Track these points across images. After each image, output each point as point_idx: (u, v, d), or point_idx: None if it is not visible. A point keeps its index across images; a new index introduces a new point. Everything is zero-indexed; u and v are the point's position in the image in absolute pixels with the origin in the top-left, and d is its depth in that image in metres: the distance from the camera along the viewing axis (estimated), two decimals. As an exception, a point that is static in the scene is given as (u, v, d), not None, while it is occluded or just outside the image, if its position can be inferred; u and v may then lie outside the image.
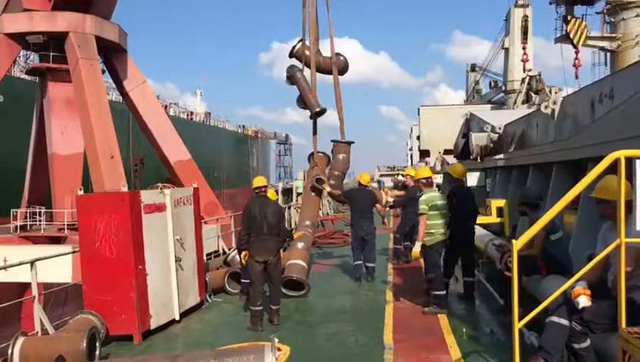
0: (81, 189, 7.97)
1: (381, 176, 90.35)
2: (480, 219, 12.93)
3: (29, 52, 29.86)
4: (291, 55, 11.68)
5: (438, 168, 32.99)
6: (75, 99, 25.26)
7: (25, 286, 14.32)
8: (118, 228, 7.50)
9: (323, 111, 11.95)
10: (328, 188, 11.66)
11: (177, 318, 8.45)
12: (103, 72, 27.70)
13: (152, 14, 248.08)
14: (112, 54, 27.71)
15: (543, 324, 5.02)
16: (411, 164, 74.66)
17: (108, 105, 25.26)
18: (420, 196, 8.49)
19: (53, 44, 25.88)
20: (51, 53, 26.18)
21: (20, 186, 29.59)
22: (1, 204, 28.93)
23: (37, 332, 7.45)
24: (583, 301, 4.54)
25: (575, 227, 8.20)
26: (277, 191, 23.90)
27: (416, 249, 8.18)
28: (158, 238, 8.21)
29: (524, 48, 38.04)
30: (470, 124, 20.41)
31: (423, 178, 8.72)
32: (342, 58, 12.08)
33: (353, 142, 12.28)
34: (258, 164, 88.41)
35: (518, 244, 3.94)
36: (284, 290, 9.80)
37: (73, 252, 7.93)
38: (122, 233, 7.51)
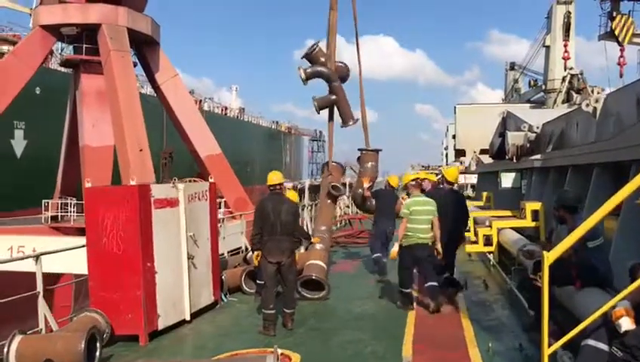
0: (88, 182, 7.64)
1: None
2: (514, 223, 12.36)
3: (64, 44, 30.08)
4: (307, 57, 11.53)
5: (473, 168, 32.17)
6: (106, 91, 25.30)
7: (57, 277, 14.26)
8: (126, 223, 7.16)
9: (355, 122, 11.93)
10: (367, 193, 11.57)
11: (188, 318, 8.08)
12: (135, 64, 27.73)
13: (189, 9, 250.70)
14: (144, 47, 27.72)
15: (578, 344, 4.44)
16: (446, 163, 73.38)
17: (138, 98, 25.22)
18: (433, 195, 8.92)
19: (87, 35, 26.01)
20: (84, 45, 26.31)
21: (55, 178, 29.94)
22: (37, 195, 29.25)
23: (41, 330, 7.18)
24: (626, 323, 3.95)
25: (616, 233, 7.51)
26: (303, 189, 23.52)
27: (394, 249, 8.58)
28: (170, 234, 7.85)
29: (565, 46, 36.69)
30: (507, 122, 19.65)
31: (411, 181, 9.01)
32: (342, 65, 11.93)
33: (381, 150, 12.37)
34: (291, 160, 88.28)
35: (550, 257, 3.39)
36: (302, 292, 9.39)
37: (81, 246, 7.63)
38: (130, 228, 7.16)
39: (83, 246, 7.49)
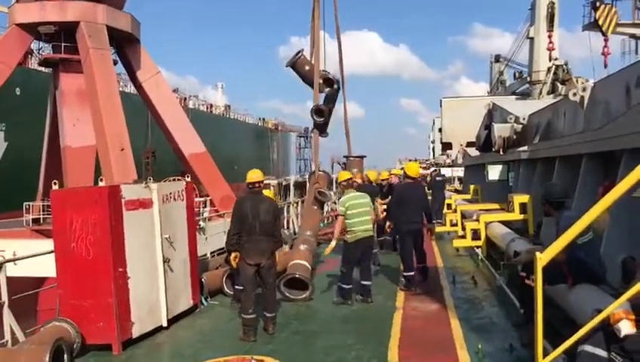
0: (55, 183, 7.24)
1: (402, 169, 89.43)
2: (502, 216, 12.12)
3: (42, 43, 29.44)
4: (292, 65, 11.67)
5: (460, 161, 31.99)
6: (86, 89, 24.77)
7: (42, 280, 13.79)
8: (95, 226, 6.79)
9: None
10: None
11: (165, 324, 7.72)
12: (116, 62, 27.20)
13: (172, 8, 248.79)
14: (124, 44, 27.19)
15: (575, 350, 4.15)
16: (433, 157, 73.45)
17: (118, 96, 24.71)
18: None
19: (65, 34, 25.41)
20: (63, 44, 25.69)
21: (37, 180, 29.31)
22: (19, 197, 28.63)
23: (6, 342, 6.82)
24: (626, 327, 3.66)
25: (607, 227, 7.25)
26: (288, 186, 23.20)
27: (331, 245, 8.90)
28: (143, 237, 7.48)
29: (550, 37, 36.52)
30: (493, 114, 19.45)
31: (343, 180, 9.31)
32: (324, 72, 11.92)
33: (365, 156, 13.33)
34: (278, 157, 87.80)
35: (543, 259, 3.09)
36: (285, 292, 9.06)
37: (49, 252, 7.24)
38: (100, 232, 6.79)
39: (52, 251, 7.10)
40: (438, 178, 21.16)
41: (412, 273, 9.39)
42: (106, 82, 23.97)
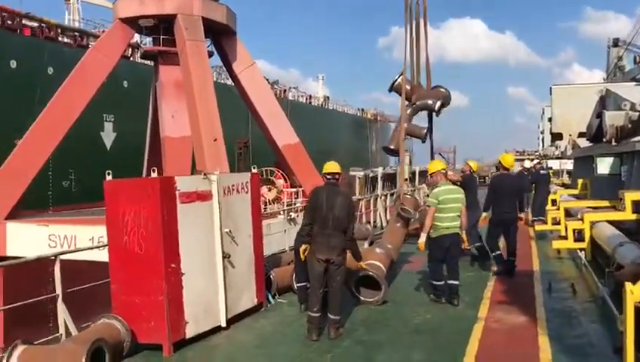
0: (109, 174, 6.99)
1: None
2: (610, 216, 10.68)
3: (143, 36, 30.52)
4: (391, 89, 11.66)
5: (569, 152, 29.64)
6: (182, 81, 25.25)
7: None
8: (147, 219, 6.44)
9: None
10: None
11: (224, 325, 7.28)
12: (212, 54, 27.55)
13: (275, 3, 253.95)
14: (221, 36, 27.45)
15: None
16: (542, 148, 69.45)
17: (213, 88, 24.93)
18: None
19: (164, 27, 26.04)
20: (161, 37, 26.36)
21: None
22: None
23: (61, 335, 6.66)
24: None
25: None
26: (375, 178, 22.39)
27: (421, 240, 8.34)
28: (200, 232, 7.06)
29: (677, 15, 32.91)
30: (606, 101, 17.54)
31: (438, 171, 8.71)
32: (442, 90, 11.77)
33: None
34: (377, 148, 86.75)
35: (637, 293, 2.18)
36: (356, 293, 8.37)
37: (104, 246, 7.01)
38: (151, 226, 6.42)
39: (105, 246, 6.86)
40: (542, 171, 19.57)
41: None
42: (200, 74, 24.24)
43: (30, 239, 20.62)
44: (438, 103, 11.86)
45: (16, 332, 14.62)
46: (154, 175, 6.71)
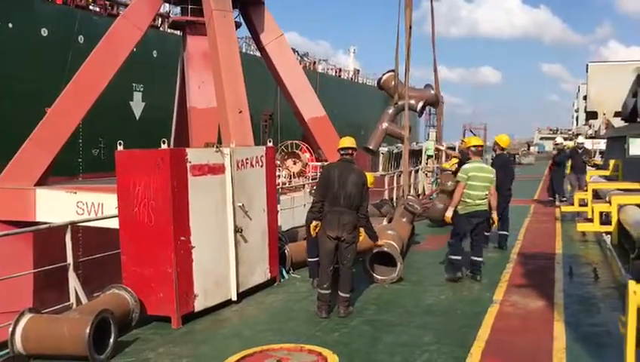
0: (120, 144, 6.93)
1: (541, 139, 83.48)
2: (639, 199, 10.28)
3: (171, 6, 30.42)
4: (379, 86, 12.62)
5: (603, 132, 28.78)
6: (209, 52, 25.12)
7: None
8: (157, 191, 6.38)
9: None
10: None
11: (234, 298, 7.25)
12: (239, 25, 27.31)
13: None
14: (249, 7, 27.15)
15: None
16: (577, 126, 67.77)
17: (239, 59, 24.72)
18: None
19: (192, -4, 25.90)
20: (189, 6, 26.23)
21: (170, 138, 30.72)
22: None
23: (72, 304, 6.69)
24: None
25: None
26: (400, 154, 22.00)
27: (448, 214, 8.26)
28: (212, 205, 6.99)
29: None
30: (643, 80, 16.90)
31: (473, 146, 8.70)
32: (432, 92, 12.36)
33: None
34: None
35: None
36: (371, 271, 8.23)
37: (114, 216, 6.99)
38: (161, 198, 6.37)
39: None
40: (568, 151, 18.58)
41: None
42: (227, 44, 24.02)
43: (59, 206, 20.92)
44: (421, 104, 12.06)
45: (46, 295, 15.04)
46: (164, 146, 6.61)
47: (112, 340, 5.51)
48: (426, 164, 25.20)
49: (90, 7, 35.42)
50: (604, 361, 5.12)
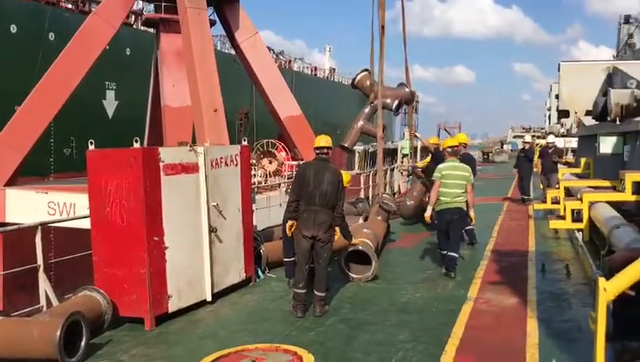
0: (92, 143, 6.82)
1: (514, 137, 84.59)
2: (609, 196, 10.47)
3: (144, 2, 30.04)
4: (353, 85, 12.78)
5: (574, 130, 29.26)
6: (183, 50, 24.87)
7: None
8: (129, 191, 6.30)
9: None
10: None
11: (209, 299, 7.19)
12: (214, 23, 27.10)
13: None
14: (223, 4, 26.95)
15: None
16: (549, 125, 68.77)
17: (213, 57, 24.52)
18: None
19: (165, -6, 25.58)
20: (163, 4, 25.92)
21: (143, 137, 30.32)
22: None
23: (42, 307, 6.57)
24: None
25: None
26: (374, 153, 22.10)
27: (427, 213, 8.68)
28: (186, 205, 6.93)
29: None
30: (613, 79, 17.14)
31: (448, 147, 9.12)
32: (406, 90, 12.48)
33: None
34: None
35: (610, 291, 2.02)
36: (346, 270, 8.24)
37: (85, 217, 6.87)
38: (133, 197, 6.30)
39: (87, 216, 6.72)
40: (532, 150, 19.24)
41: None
42: (201, 42, 23.78)
43: (30, 206, 20.49)
44: (396, 102, 12.28)
45: (17, 298, 14.73)
46: (136, 145, 6.51)
47: (83, 343, 5.42)
48: (402, 162, 25.32)
49: (62, 3, 34.84)
50: (574, 356, 5.18)
